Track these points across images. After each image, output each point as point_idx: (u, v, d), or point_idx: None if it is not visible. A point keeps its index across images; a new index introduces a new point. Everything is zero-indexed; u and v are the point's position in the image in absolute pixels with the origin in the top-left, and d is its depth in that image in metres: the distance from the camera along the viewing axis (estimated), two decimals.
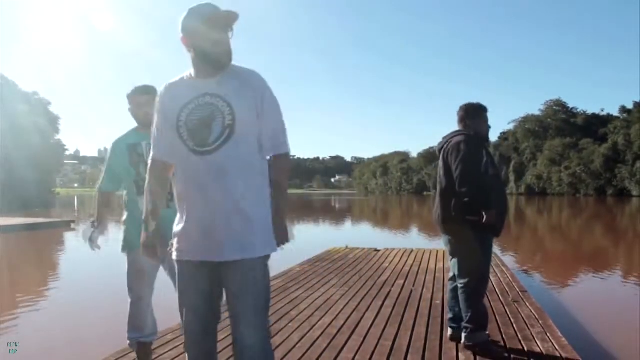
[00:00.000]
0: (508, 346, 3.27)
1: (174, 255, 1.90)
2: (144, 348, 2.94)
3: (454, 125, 3.40)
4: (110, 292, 6.86)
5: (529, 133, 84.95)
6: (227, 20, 1.80)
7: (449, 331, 3.44)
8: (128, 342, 2.96)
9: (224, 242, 1.77)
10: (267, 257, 1.86)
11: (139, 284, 2.88)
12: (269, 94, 1.88)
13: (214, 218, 1.78)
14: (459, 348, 3.25)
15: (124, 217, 2.93)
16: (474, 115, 3.30)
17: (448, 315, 3.50)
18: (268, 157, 1.91)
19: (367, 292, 5.06)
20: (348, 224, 24.77)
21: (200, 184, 1.80)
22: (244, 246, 1.78)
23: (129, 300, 2.91)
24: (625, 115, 70.58)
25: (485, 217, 3.04)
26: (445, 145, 3.27)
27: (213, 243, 1.78)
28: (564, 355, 3.05)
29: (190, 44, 1.83)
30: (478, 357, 3.09)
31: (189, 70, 1.91)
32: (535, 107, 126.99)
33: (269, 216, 1.86)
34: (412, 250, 8.36)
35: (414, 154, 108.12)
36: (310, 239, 15.99)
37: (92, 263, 10.13)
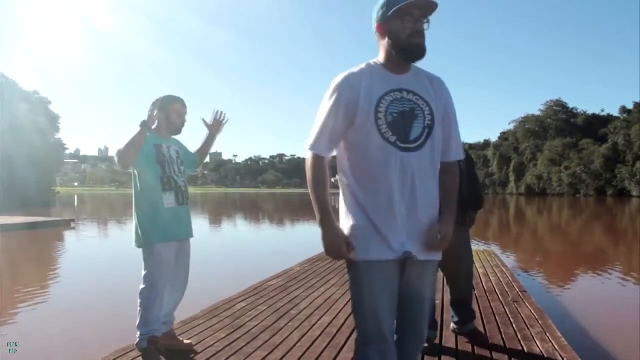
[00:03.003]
0: (508, 346, 3.27)
1: (362, 256, 1.75)
2: (156, 341, 2.97)
3: None
4: (110, 292, 6.87)
5: (529, 133, 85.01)
6: (426, 9, 1.73)
7: (452, 326, 3.57)
8: (138, 338, 2.95)
9: (409, 240, 1.75)
10: (437, 261, 1.91)
11: (164, 276, 2.99)
12: (451, 102, 1.88)
13: (407, 216, 1.74)
14: (458, 346, 3.26)
15: (142, 212, 2.99)
16: None
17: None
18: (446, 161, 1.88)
19: None
20: None
21: (401, 180, 1.72)
22: (429, 248, 1.79)
23: (146, 295, 2.94)
24: (625, 115, 70.71)
25: None
26: None
27: (401, 240, 1.74)
28: (563, 355, 3.05)
29: (387, 32, 1.76)
30: (476, 355, 3.10)
31: (372, 61, 1.83)
32: (535, 107, 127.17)
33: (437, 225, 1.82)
34: None
35: None
36: (310, 238, 16.02)
37: (93, 262, 10.15)
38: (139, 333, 2.96)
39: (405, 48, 1.74)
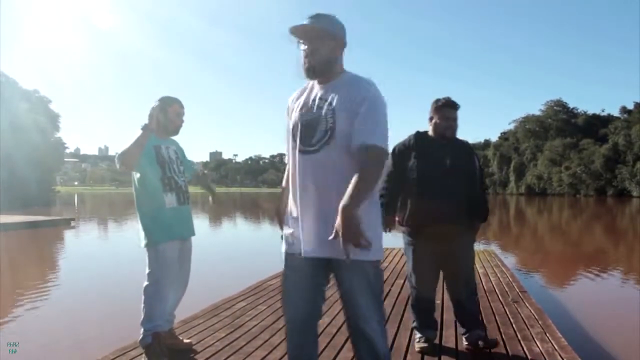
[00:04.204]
0: (507, 346, 3.27)
1: (283, 248, 2.03)
2: (159, 338, 3.01)
3: None
4: (110, 291, 6.87)
5: (529, 133, 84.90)
6: (302, 34, 1.95)
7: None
8: (142, 334, 2.98)
9: (318, 240, 1.88)
10: (368, 261, 1.86)
11: (169, 275, 3.03)
12: (365, 98, 1.85)
13: (309, 217, 1.89)
14: (457, 347, 3.26)
15: (145, 213, 3.04)
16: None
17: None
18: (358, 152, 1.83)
19: None
20: None
21: (302, 183, 1.92)
22: (335, 246, 1.77)
23: (150, 292, 2.97)
24: (625, 115, 70.66)
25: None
26: None
27: (312, 240, 1.90)
28: (563, 355, 3.05)
29: None
30: (476, 355, 3.10)
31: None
32: (535, 107, 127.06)
33: (369, 222, 1.82)
34: None
35: None
36: None
37: (92, 261, 10.15)
38: (142, 329, 2.99)
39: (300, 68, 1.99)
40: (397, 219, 3.22)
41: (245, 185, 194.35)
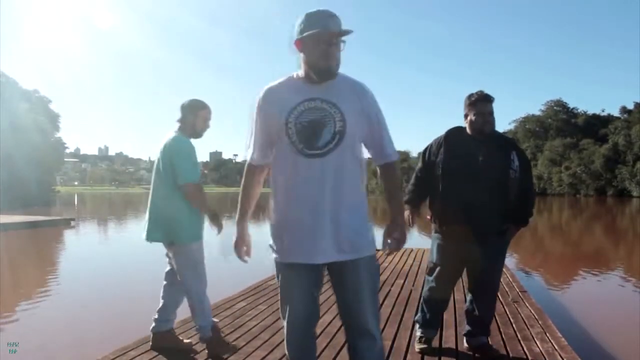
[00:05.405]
0: (507, 346, 3.27)
1: (275, 257, 1.96)
2: (218, 329, 3.26)
3: (453, 124, 3.25)
4: (110, 291, 6.86)
5: (529, 133, 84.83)
6: (341, 34, 1.83)
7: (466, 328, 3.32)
8: (201, 331, 3.10)
9: (327, 244, 1.84)
10: (367, 257, 1.92)
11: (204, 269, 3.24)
12: (375, 105, 1.94)
13: (317, 220, 1.84)
14: (457, 348, 3.26)
15: (191, 211, 3.14)
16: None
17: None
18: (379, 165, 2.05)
19: None
20: None
21: (308, 186, 1.84)
22: (345, 248, 1.86)
23: (202, 289, 3.16)
24: (625, 115, 70.56)
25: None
26: None
27: (317, 245, 1.84)
28: (563, 355, 3.05)
29: (301, 49, 1.87)
30: (476, 357, 3.09)
31: (291, 74, 1.95)
32: (535, 107, 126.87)
33: (363, 223, 1.94)
34: (412, 250, 8.35)
35: (414, 153, 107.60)
36: None
37: (92, 261, 10.15)
38: (199, 326, 3.09)
39: (315, 68, 1.85)
40: (428, 216, 3.19)
41: None
